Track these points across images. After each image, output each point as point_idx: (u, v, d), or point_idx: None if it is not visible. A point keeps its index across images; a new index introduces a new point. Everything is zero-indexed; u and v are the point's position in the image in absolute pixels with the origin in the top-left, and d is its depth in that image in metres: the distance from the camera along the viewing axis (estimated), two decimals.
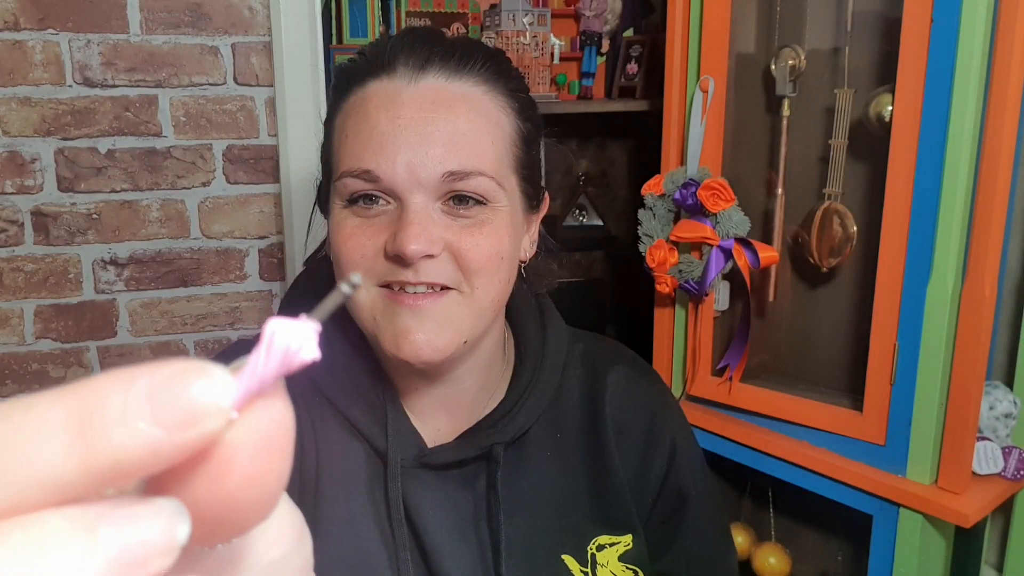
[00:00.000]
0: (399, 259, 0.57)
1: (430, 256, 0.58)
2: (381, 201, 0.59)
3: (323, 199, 0.66)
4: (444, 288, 0.59)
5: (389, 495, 0.63)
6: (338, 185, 0.60)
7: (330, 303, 0.20)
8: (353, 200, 0.60)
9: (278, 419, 0.18)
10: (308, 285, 0.73)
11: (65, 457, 0.16)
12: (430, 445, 0.66)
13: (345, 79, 0.63)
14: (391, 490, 0.63)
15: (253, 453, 0.18)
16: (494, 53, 0.65)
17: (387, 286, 0.60)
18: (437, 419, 0.68)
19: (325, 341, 0.19)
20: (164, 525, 0.17)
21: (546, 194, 0.70)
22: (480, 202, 0.60)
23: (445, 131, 0.58)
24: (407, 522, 0.64)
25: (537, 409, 0.68)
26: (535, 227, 0.70)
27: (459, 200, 0.59)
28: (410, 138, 0.57)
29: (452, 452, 0.65)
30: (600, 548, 0.69)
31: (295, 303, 0.71)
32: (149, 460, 0.16)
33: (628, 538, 0.70)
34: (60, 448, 0.16)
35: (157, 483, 0.18)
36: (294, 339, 0.18)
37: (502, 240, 0.61)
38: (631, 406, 0.73)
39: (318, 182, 0.68)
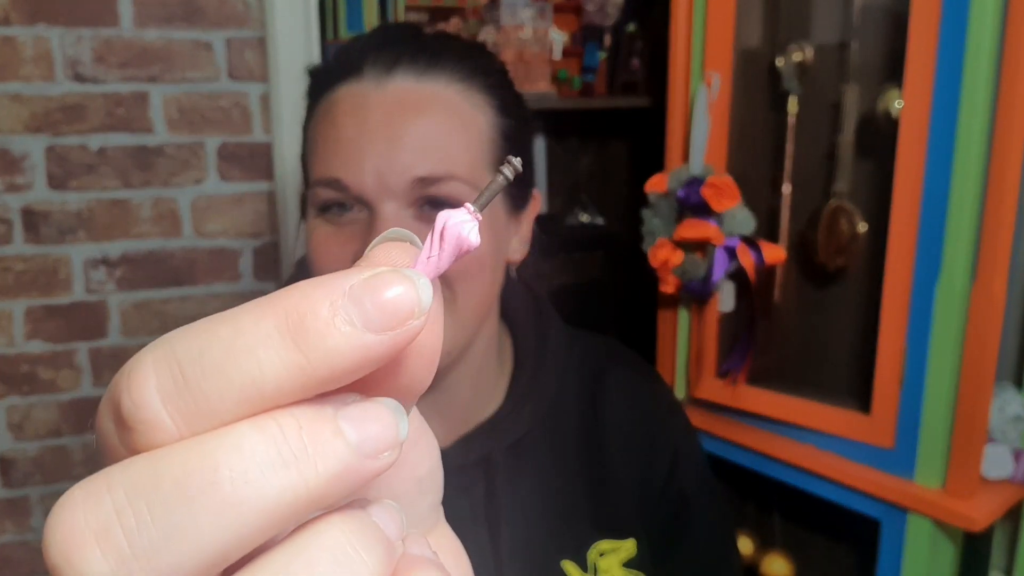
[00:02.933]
0: None
1: None
2: (353, 209, 0.58)
3: (303, 206, 0.65)
4: None
5: None
6: (311, 194, 0.59)
7: (490, 191, 0.21)
8: (325, 208, 0.59)
9: (438, 294, 0.19)
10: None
11: (285, 367, 0.16)
12: None
13: (315, 84, 0.62)
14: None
15: (430, 330, 0.19)
16: (470, 48, 0.62)
17: None
18: (432, 425, 0.66)
19: None
20: (389, 421, 0.17)
21: (535, 192, 0.67)
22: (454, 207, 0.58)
23: (414, 135, 0.56)
24: None
25: (536, 413, 0.67)
26: (526, 226, 0.68)
27: (432, 205, 0.57)
28: (377, 144, 0.55)
29: (449, 459, 0.63)
30: (602, 554, 0.68)
31: None
32: (362, 364, 0.17)
33: (631, 543, 0.69)
34: (279, 359, 0.17)
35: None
36: (463, 227, 0.19)
37: (487, 252, 0.59)
38: (632, 409, 0.71)
39: (301, 188, 0.68)
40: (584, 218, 2.48)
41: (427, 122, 0.56)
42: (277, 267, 1.46)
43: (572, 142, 2.48)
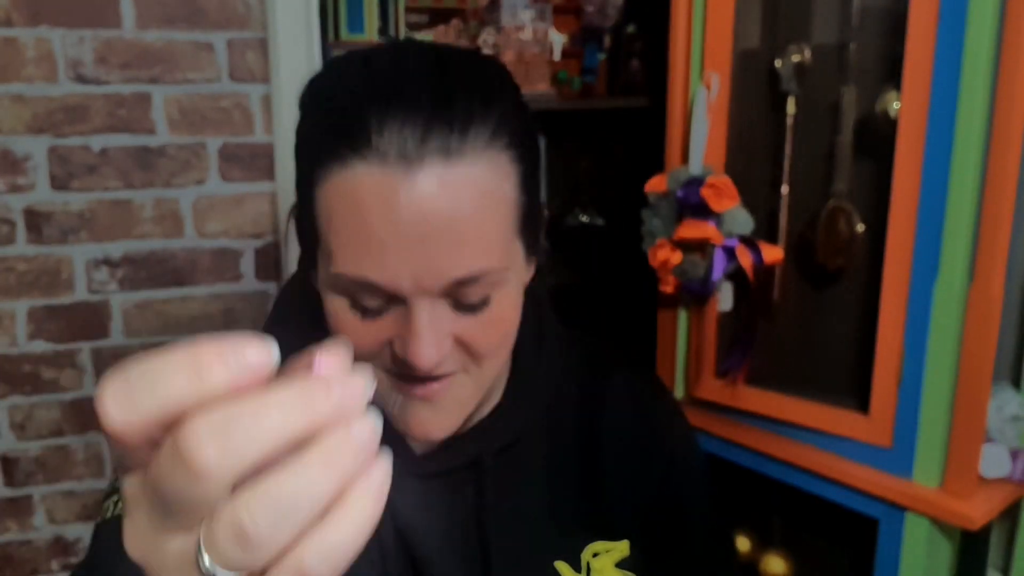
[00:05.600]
0: (410, 367, 0.54)
1: None
2: (386, 303, 0.54)
3: (307, 249, 0.59)
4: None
5: None
6: (333, 277, 0.54)
7: None
8: (354, 302, 0.55)
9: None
10: (292, 308, 0.69)
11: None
12: (418, 452, 0.64)
13: (317, 145, 0.54)
14: None
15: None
16: (490, 86, 0.55)
17: (393, 374, 0.57)
18: None
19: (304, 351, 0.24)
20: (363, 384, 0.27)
21: (543, 208, 0.64)
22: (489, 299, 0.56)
23: (449, 232, 0.51)
24: (396, 532, 0.63)
25: (530, 417, 0.67)
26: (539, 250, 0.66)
27: (469, 301, 0.55)
28: (412, 247, 0.51)
29: (438, 462, 0.64)
30: (595, 554, 0.68)
31: (280, 329, 0.67)
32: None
33: (624, 544, 0.69)
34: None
35: None
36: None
37: (512, 318, 0.58)
38: (631, 414, 0.71)
39: (293, 215, 0.62)
40: (584, 218, 2.48)
41: (462, 213, 0.51)
42: (278, 267, 1.46)
43: (572, 143, 2.48)
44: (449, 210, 0.51)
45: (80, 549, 1.45)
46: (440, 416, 0.58)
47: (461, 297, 0.54)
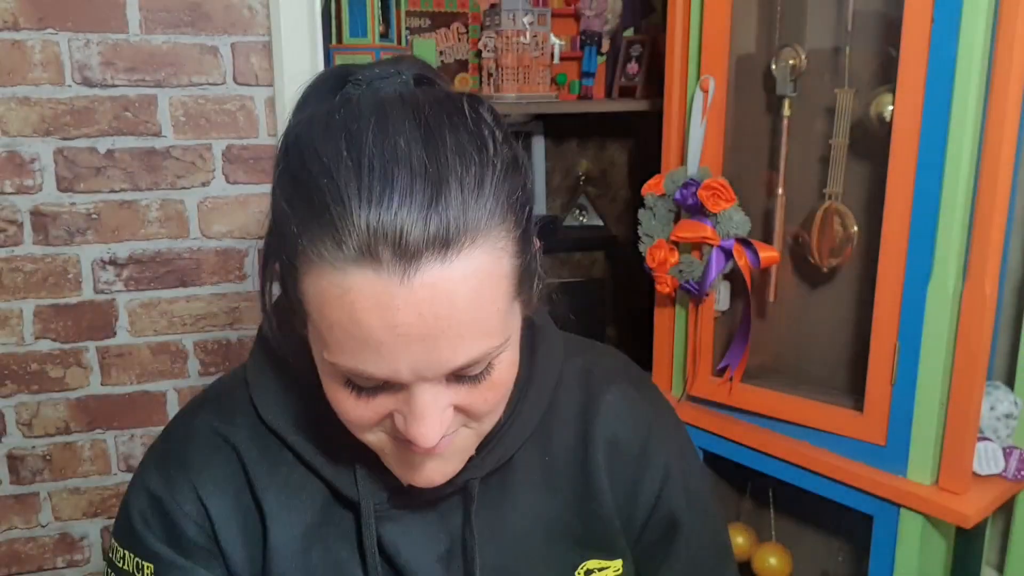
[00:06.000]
0: (411, 443, 0.53)
1: None
2: (383, 386, 0.53)
3: (296, 316, 0.55)
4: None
5: (364, 542, 0.62)
6: (326, 360, 0.52)
7: None
8: (349, 382, 0.53)
9: None
10: (270, 358, 0.66)
11: None
12: (405, 485, 0.62)
13: (306, 239, 0.49)
14: (366, 537, 0.62)
15: None
16: (482, 158, 0.50)
17: (394, 436, 0.56)
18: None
19: (285, 392, 0.19)
20: None
21: (536, 244, 0.59)
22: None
23: (448, 329, 0.49)
24: (387, 563, 0.63)
25: (517, 440, 0.65)
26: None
27: (467, 377, 0.54)
28: (411, 344, 0.49)
29: (426, 494, 0.62)
30: (589, 572, 0.67)
31: (261, 380, 0.66)
32: None
33: (618, 563, 0.69)
34: None
35: None
36: None
37: (511, 376, 0.57)
38: (626, 427, 0.69)
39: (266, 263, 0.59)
40: (583, 219, 2.50)
41: (460, 310, 0.49)
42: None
43: (571, 145, 2.50)
44: (448, 308, 0.48)
45: (86, 546, 1.47)
46: (443, 465, 0.58)
47: (461, 373, 0.52)
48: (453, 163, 0.49)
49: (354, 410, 0.54)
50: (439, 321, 0.48)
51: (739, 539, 1.40)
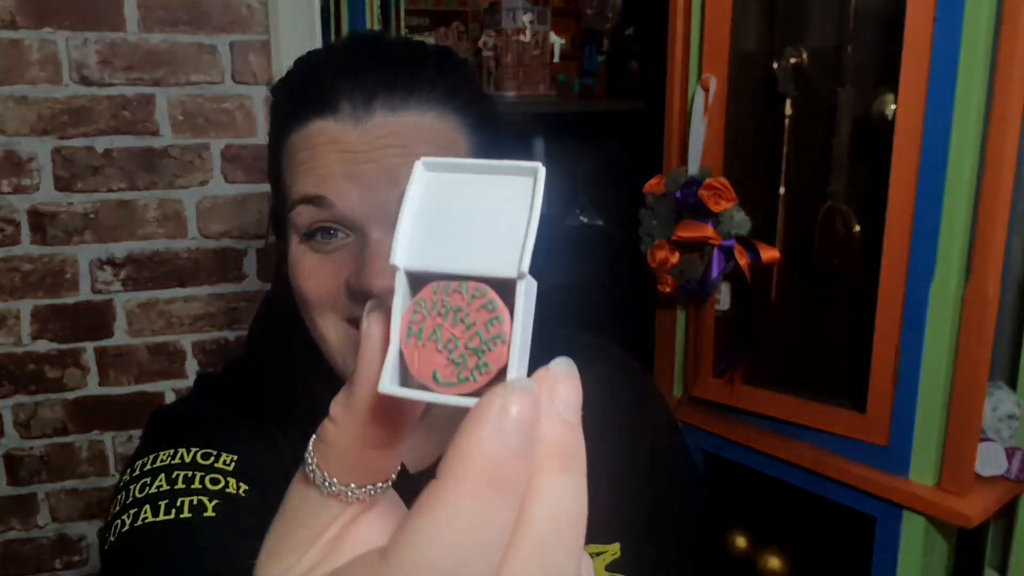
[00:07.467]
0: (364, 295, 0.56)
1: None
2: (340, 234, 0.58)
3: (278, 227, 0.64)
4: None
5: None
6: (293, 216, 0.59)
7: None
8: (310, 234, 0.58)
9: None
10: (270, 317, 0.71)
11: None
12: (412, 471, 0.63)
13: (282, 113, 0.61)
14: None
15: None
16: (440, 64, 0.61)
17: (353, 320, 0.58)
18: (418, 437, 0.65)
19: (295, 374, 0.21)
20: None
21: None
22: None
23: (399, 165, 0.55)
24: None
25: None
26: None
27: None
28: (365, 173, 0.56)
29: (426, 478, 0.62)
30: None
31: (263, 342, 0.70)
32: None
33: (616, 547, 0.69)
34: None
35: None
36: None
37: None
38: (610, 409, 0.70)
39: (269, 209, 0.67)
40: (583, 219, 2.49)
41: (410, 152, 0.56)
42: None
43: (571, 144, 2.49)
44: (399, 149, 0.56)
45: (83, 547, 1.46)
46: None
47: None
48: (408, 57, 0.60)
49: (316, 275, 0.58)
50: (389, 157, 0.56)
51: (740, 541, 1.40)
